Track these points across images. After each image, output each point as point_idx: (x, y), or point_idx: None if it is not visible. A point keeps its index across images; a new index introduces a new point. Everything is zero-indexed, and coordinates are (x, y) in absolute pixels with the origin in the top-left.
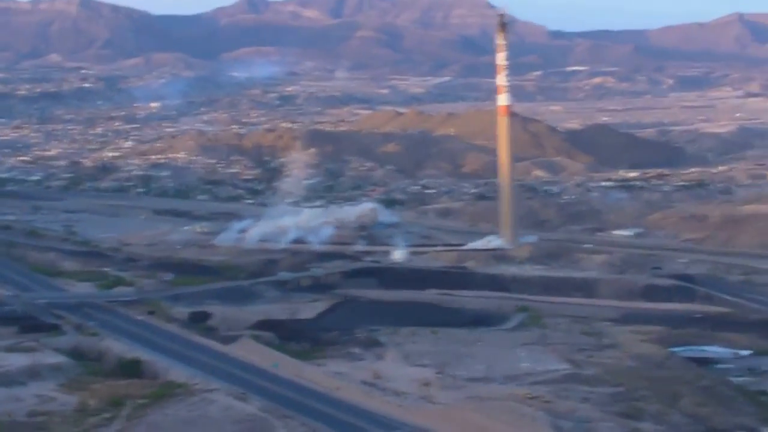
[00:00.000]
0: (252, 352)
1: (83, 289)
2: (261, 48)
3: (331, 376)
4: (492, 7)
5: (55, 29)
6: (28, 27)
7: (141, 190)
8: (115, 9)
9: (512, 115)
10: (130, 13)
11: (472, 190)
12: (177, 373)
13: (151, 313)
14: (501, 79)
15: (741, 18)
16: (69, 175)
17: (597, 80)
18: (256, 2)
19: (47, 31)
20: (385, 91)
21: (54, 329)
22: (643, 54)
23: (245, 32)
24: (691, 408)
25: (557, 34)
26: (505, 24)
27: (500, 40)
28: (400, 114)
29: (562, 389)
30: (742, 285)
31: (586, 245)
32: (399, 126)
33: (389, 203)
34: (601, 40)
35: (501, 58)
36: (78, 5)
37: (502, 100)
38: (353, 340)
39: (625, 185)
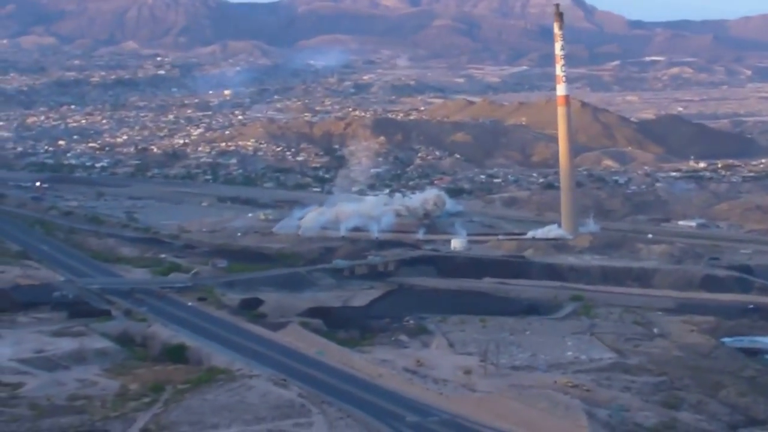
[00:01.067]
0: (299, 338)
1: (139, 275)
2: (338, 36)
3: (374, 363)
4: None
5: (131, 16)
6: (104, 14)
7: (208, 177)
8: None
9: (584, 105)
10: (207, 1)
11: (540, 180)
12: (221, 358)
13: (201, 299)
14: (559, 69)
15: None
16: (136, 162)
17: (675, 70)
18: None
19: (124, 18)
20: (460, 80)
21: (104, 314)
22: (722, 44)
23: (323, 20)
24: (732, 398)
25: (637, 24)
26: (561, 14)
27: (557, 30)
28: (472, 103)
29: (604, 378)
30: None
31: (648, 235)
32: (470, 115)
33: (456, 192)
34: (680, 30)
35: (558, 48)
36: None
37: (561, 90)
38: (401, 327)
39: (693, 176)
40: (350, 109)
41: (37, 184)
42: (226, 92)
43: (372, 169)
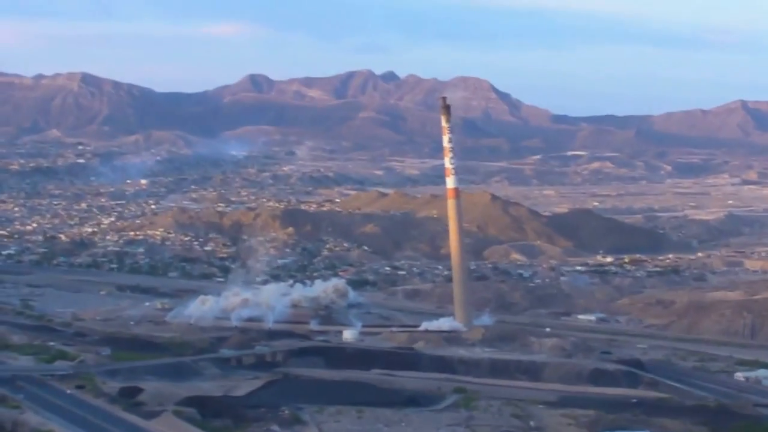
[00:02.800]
0: (171, 427)
1: (24, 362)
2: (262, 127)
3: None
4: (496, 90)
5: (56, 105)
6: (30, 102)
7: (114, 266)
8: (117, 85)
9: (494, 198)
10: (132, 90)
11: (445, 272)
12: None
13: (80, 387)
14: (447, 162)
15: (744, 105)
16: (43, 250)
17: (595, 165)
18: (260, 81)
19: (49, 106)
20: (380, 172)
21: None
22: (646, 139)
23: (248, 110)
24: None
25: (561, 119)
26: (448, 107)
27: (444, 123)
28: (384, 195)
29: None
30: (694, 372)
31: (546, 329)
32: (382, 207)
33: (360, 283)
34: (604, 124)
35: (446, 141)
36: (80, 81)
37: (450, 182)
38: (276, 417)
39: (598, 270)
40: (264, 200)
41: None
42: (143, 181)
43: (279, 260)
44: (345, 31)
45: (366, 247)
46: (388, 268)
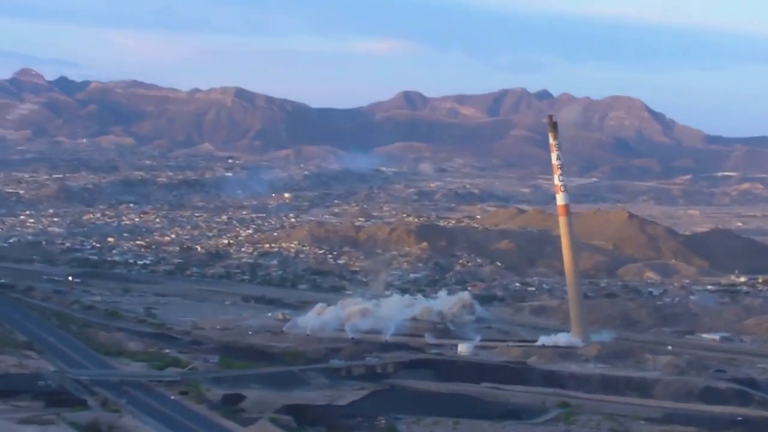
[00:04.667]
0: None
1: (135, 368)
2: (414, 143)
3: None
4: (649, 110)
5: (209, 118)
6: (184, 116)
7: (245, 277)
8: (270, 100)
9: (631, 216)
10: (284, 105)
11: None
12: None
13: (183, 393)
14: (557, 179)
15: None
16: (179, 261)
17: (745, 186)
18: (414, 98)
19: (202, 120)
20: (526, 189)
21: (80, 404)
22: None
23: (400, 127)
24: None
25: (715, 139)
26: (555, 124)
27: (552, 140)
28: (523, 212)
29: None
30: None
31: (668, 347)
32: (519, 224)
33: (488, 299)
34: (759, 146)
35: (554, 158)
36: (233, 95)
37: (560, 199)
38: (372, 427)
39: (730, 290)
40: (404, 215)
41: (69, 278)
42: (287, 195)
43: (411, 274)
44: (500, 50)
45: (499, 263)
46: (518, 284)
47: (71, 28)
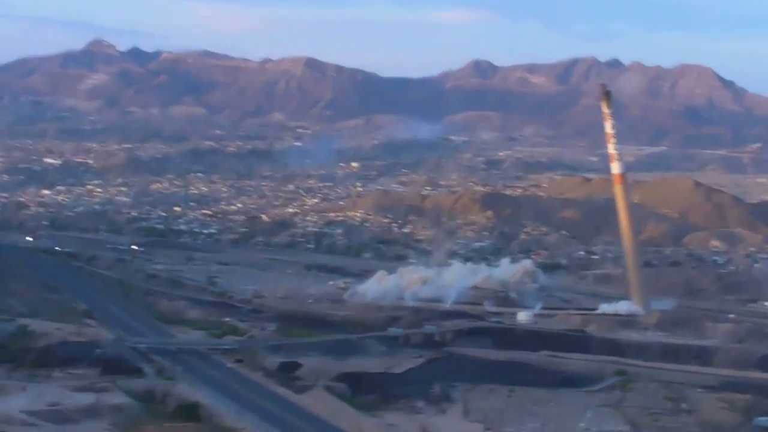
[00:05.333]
0: (319, 401)
1: (194, 336)
2: (485, 112)
3: (380, 427)
4: (720, 78)
5: (280, 88)
6: (254, 85)
7: (310, 246)
8: (340, 70)
9: (697, 185)
10: (355, 74)
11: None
12: (234, 418)
13: (239, 361)
14: (611, 148)
15: None
16: (244, 230)
17: None
18: (485, 67)
19: (273, 90)
20: (595, 158)
21: (136, 372)
22: None
23: (470, 96)
24: None
25: None
26: (608, 92)
27: (605, 109)
28: (589, 180)
29: None
30: None
31: (730, 315)
32: (586, 192)
33: (552, 267)
34: None
35: (608, 127)
36: (304, 65)
37: (615, 168)
38: (425, 394)
39: None
40: (471, 184)
41: (133, 247)
42: (354, 164)
43: (475, 243)
44: (572, 18)
45: (564, 232)
46: (582, 253)
47: None
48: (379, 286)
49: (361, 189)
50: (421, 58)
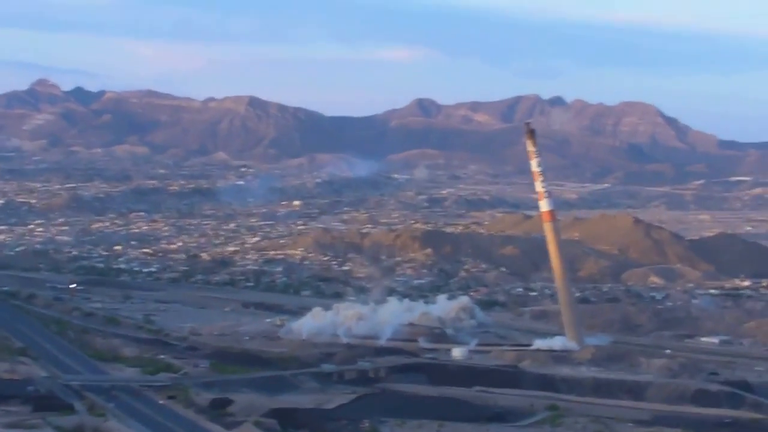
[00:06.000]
0: None
1: (128, 374)
2: (428, 150)
3: None
4: (663, 115)
5: (223, 127)
6: (198, 125)
7: (250, 284)
8: (283, 108)
9: (636, 221)
10: (298, 113)
11: (576, 294)
12: None
13: (171, 397)
14: (539, 186)
15: None
16: (184, 268)
17: (758, 191)
18: (428, 105)
19: (216, 129)
20: (536, 196)
21: (67, 409)
22: None
23: (414, 134)
24: None
25: (729, 144)
26: (532, 131)
27: (530, 147)
28: (529, 217)
29: None
30: None
31: (666, 350)
32: (525, 229)
33: (489, 304)
34: None
35: (535, 165)
36: (247, 104)
37: (544, 205)
38: (355, 429)
39: (732, 294)
40: (412, 222)
41: (72, 286)
42: (296, 203)
43: (415, 280)
44: (515, 56)
45: (504, 269)
46: (520, 289)
47: (89, 39)
48: (314, 322)
49: (302, 227)
50: (365, 96)
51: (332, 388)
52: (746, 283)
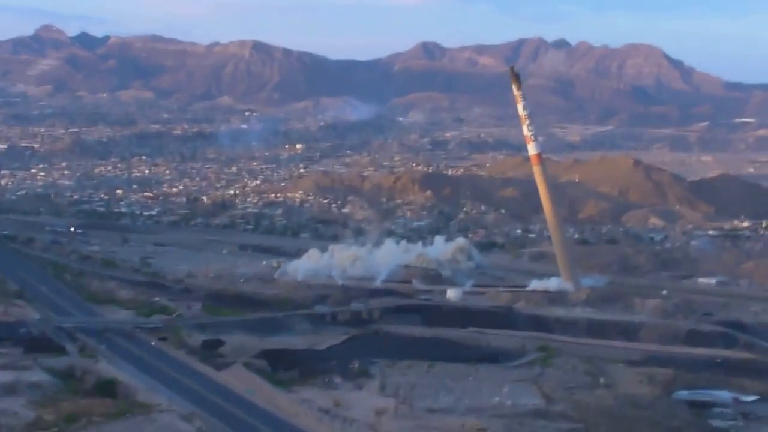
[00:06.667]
0: (237, 378)
1: (122, 315)
2: (432, 94)
3: (295, 402)
4: (668, 57)
5: (228, 72)
6: (202, 70)
7: (249, 227)
8: (288, 53)
9: (636, 163)
10: (303, 57)
11: (576, 236)
12: (150, 394)
13: (162, 339)
14: (526, 129)
15: None
16: (185, 212)
17: (762, 132)
18: (432, 49)
19: (221, 73)
20: (541, 138)
21: (59, 351)
22: None
23: (418, 78)
24: None
25: (734, 86)
26: (517, 75)
27: (516, 91)
28: (530, 160)
29: (518, 423)
30: None
31: (663, 291)
32: (525, 171)
33: (488, 245)
34: None
35: (521, 109)
36: (251, 48)
37: (531, 149)
38: (344, 370)
39: (731, 234)
40: (414, 165)
41: (71, 229)
42: (298, 146)
43: (414, 222)
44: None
45: (503, 211)
46: (519, 231)
47: None
48: (309, 264)
49: (303, 170)
50: (369, 40)
51: (325, 330)
52: (746, 224)
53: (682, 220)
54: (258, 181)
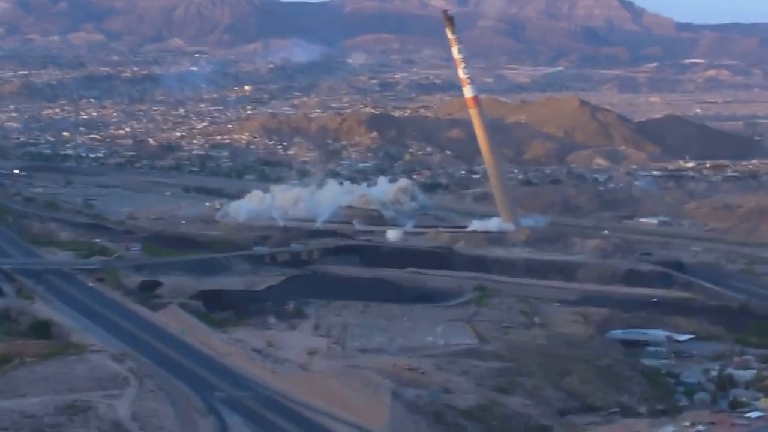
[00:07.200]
0: (173, 319)
1: (62, 257)
2: (382, 35)
3: (228, 342)
4: None
5: (179, 14)
6: (153, 12)
7: (194, 169)
8: None
9: (582, 103)
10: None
11: (519, 176)
12: (84, 335)
13: (100, 280)
14: (461, 72)
15: None
16: (131, 154)
17: (711, 73)
18: None
19: (172, 15)
20: (490, 79)
21: None
22: None
23: (369, 19)
24: (573, 385)
25: (685, 27)
26: (451, 18)
27: (450, 35)
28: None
29: (449, 362)
30: (738, 274)
31: (604, 231)
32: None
33: (432, 186)
34: (728, 33)
35: (456, 52)
36: None
37: (468, 92)
38: (279, 311)
39: (675, 175)
40: (361, 106)
41: (15, 171)
42: (247, 88)
43: (360, 164)
44: None
45: (449, 152)
46: (463, 172)
47: None
48: (251, 206)
49: (250, 112)
50: None
51: (264, 271)
52: (690, 165)
53: (627, 160)
54: (205, 124)
